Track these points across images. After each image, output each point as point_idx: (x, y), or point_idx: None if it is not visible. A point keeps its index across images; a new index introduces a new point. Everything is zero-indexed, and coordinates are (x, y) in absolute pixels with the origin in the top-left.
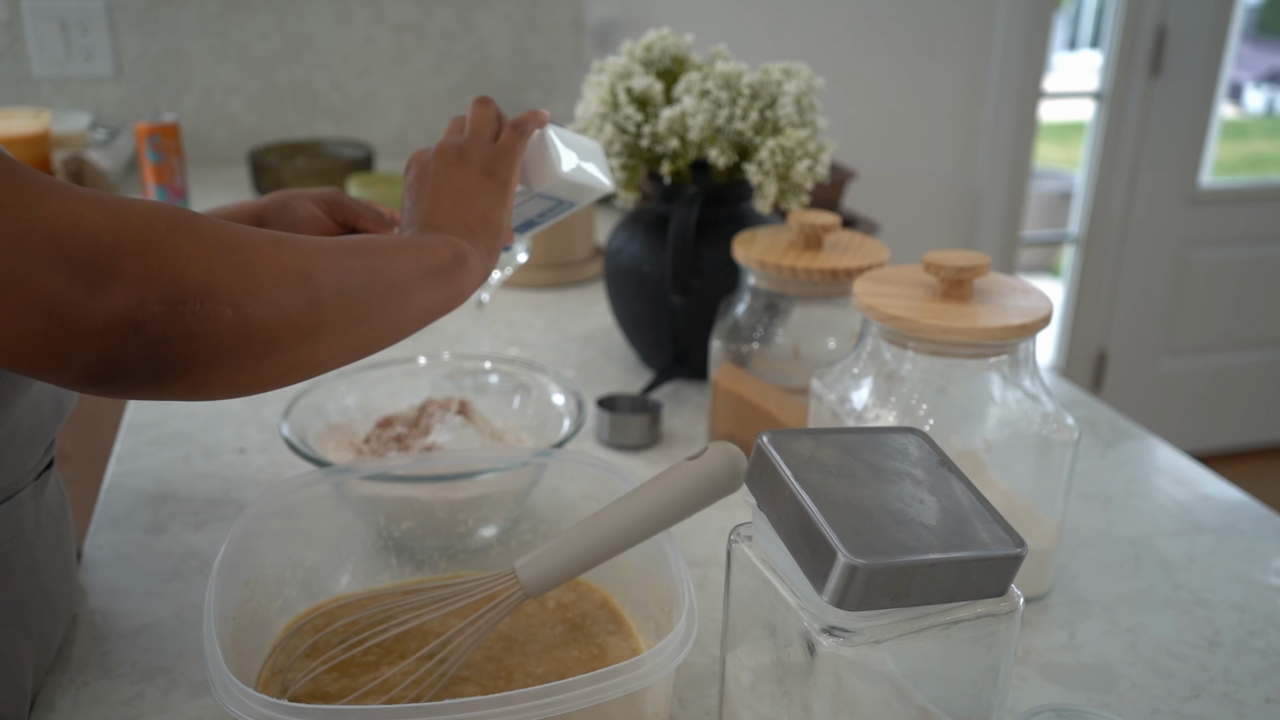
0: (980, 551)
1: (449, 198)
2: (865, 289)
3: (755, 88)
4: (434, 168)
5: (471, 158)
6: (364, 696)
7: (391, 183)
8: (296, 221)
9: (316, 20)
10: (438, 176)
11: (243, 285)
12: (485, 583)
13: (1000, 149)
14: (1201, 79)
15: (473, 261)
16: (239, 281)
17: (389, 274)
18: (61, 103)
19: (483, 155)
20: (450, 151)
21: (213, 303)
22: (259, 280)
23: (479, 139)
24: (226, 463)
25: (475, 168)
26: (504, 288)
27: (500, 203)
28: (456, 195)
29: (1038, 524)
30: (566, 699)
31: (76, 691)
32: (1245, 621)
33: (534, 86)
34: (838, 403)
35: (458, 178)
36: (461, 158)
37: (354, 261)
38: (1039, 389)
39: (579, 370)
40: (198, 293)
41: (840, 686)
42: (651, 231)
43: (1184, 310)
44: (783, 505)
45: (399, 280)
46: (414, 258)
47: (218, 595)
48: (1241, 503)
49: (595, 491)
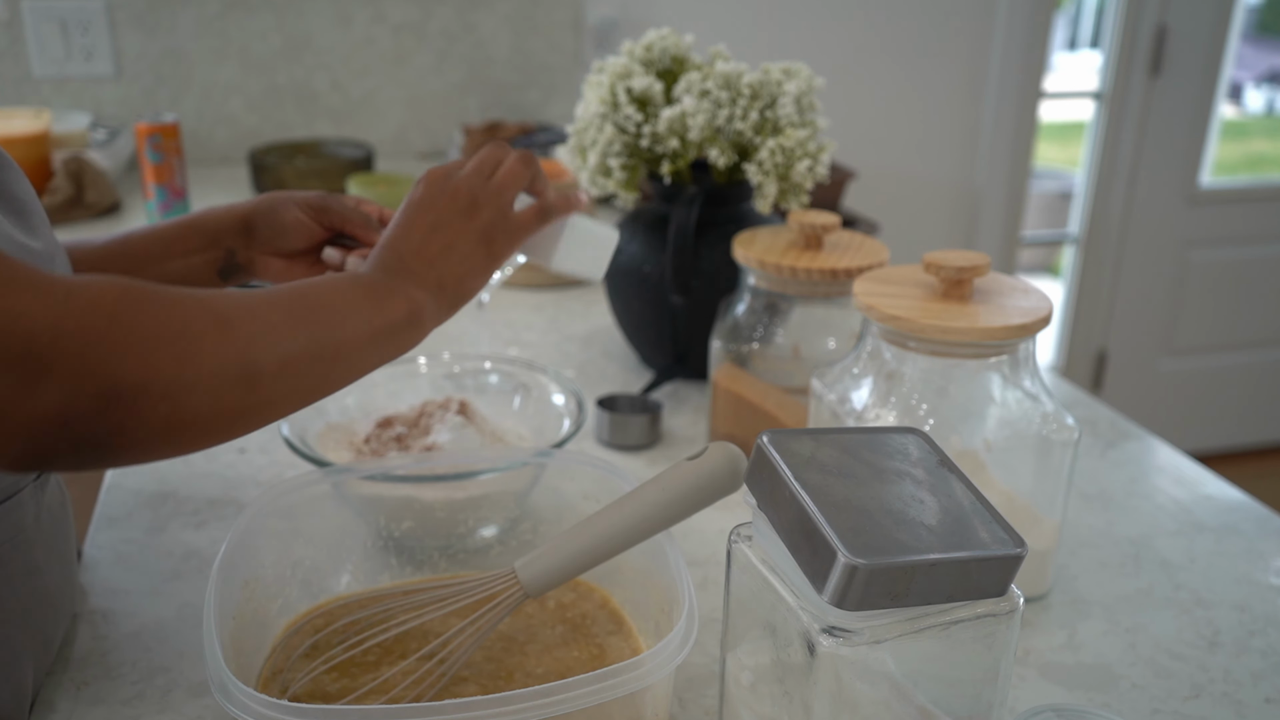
0: (980, 551)
1: (437, 245)
2: (865, 289)
3: (755, 88)
4: (441, 204)
5: (481, 215)
6: (364, 696)
7: (391, 183)
8: (284, 226)
9: (316, 20)
10: (439, 217)
11: (180, 377)
12: (485, 583)
13: (1000, 149)
14: (1201, 79)
15: (427, 320)
16: (176, 374)
17: (335, 343)
18: (61, 103)
19: (492, 219)
20: (464, 197)
21: (146, 398)
22: (197, 371)
23: (498, 200)
24: (226, 463)
25: (478, 228)
26: (504, 288)
27: (484, 272)
28: (446, 247)
29: (1038, 524)
30: (566, 699)
31: (76, 691)
32: (1245, 621)
33: (534, 86)
34: (838, 403)
35: (455, 228)
36: (471, 210)
37: (300, 335)
38: (1039, 389)
39: (579, 370)
40: (131, 390)
41: (840, 686)
42: (651, 231)
43: (1184, 310)
44: (783, 505)
45: (345, 348)
46: (367, 319)
47: (218, 595)
48: (1241, 503)
49: (595, 491)
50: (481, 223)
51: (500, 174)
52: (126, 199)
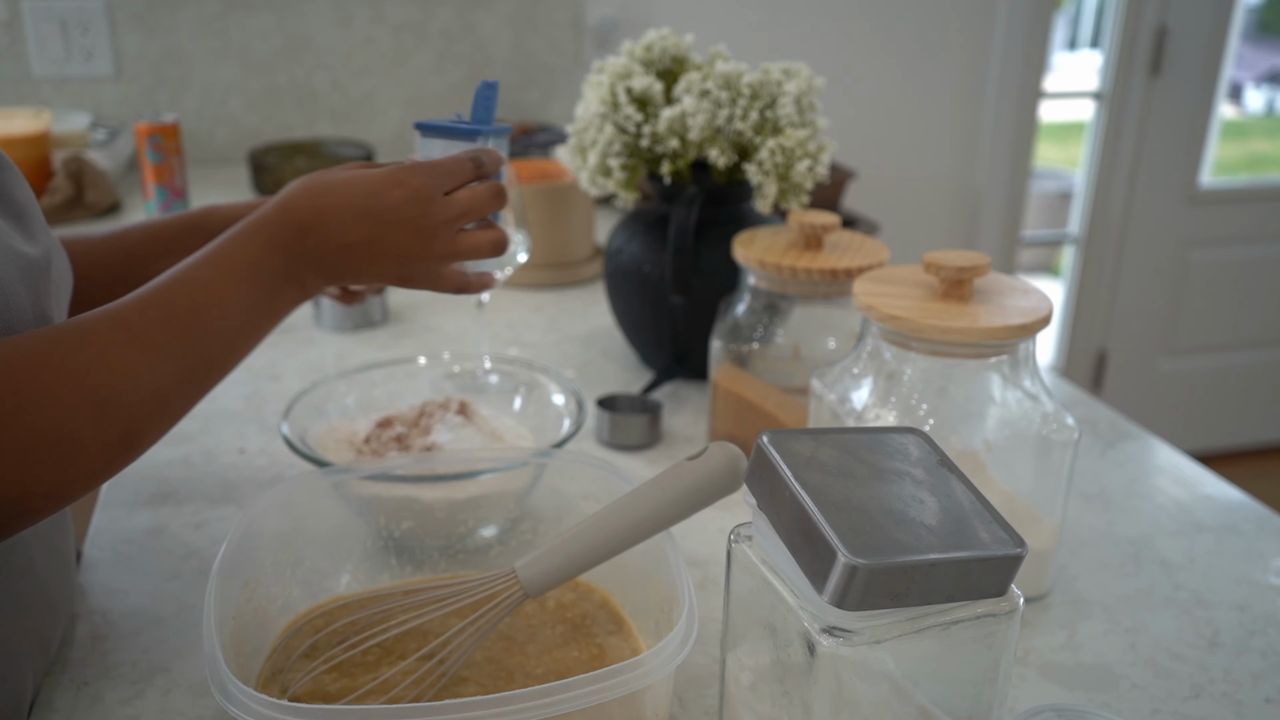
0: (980, 551)
1: (366, 255)
2: (865, 289)
3: (755, 88)
4: (404, 224)
5: (425, 254)
6: (364, 696)
7: None
8: None
9: (316, 20)
10: (392, 235)
11: (61, 480)
12: (485, 583)
13: (1000, 149)
14: (1201, 79)
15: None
16: (57, 478)
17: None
18: (61, 103)
19: (429, 265)
20: (426, 234)
21: (30, 502)
22: (78, 469)
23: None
24: (226, 463)
25: (412, 262)
26: (504, 288)
27: (387, 284)
28: (371, 259)
29: (1038, 524)
30: (566, 699)
31: (76, 691)
32: (1245, 621)
33: (534, 86)
34: (838, 403)
35: (395, 252)
36: (423, 248)
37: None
38: (1039, 389)
39: (579, 370)
40: (14, 505)
41: (840, 686)
42: (651, 231)
43: (1184, 310)
44: (783, 505)
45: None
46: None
47: (218, 595)
48: (1241, 503)
49: (595, 491)
50: (419, 260)
51: (471, 240)
52: (126, 199)
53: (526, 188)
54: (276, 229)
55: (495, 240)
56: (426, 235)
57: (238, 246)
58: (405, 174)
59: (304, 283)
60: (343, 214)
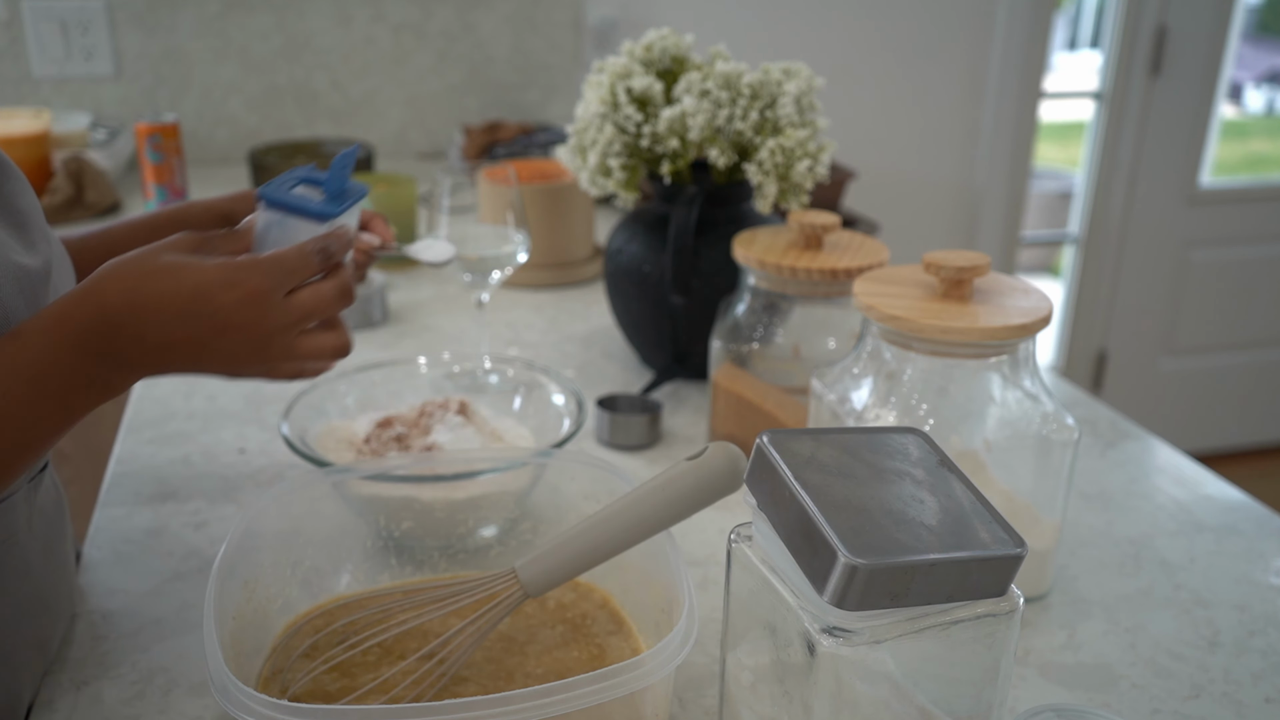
0: (980, 551)
1: (184, 356)
2: (865, 289)
3: (755, 88)
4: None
5: (268, 355)
6: (364, 696)
7: (391, 182)
8: None
9: (316, 20)
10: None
11: None
12: (485, 583)
13: (1000, 149)
14: (1201, 79)
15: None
16: None
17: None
18: (61, 103)
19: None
20: (256, 342)
21: None
22: None
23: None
24: (226, 463)
25: (235, 365)
26: (504, 288)
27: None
28: (190, 359)
29: (1038, 524)
30: (566, 699)
31: (76, 691)
32: (1245, 621)
33: (534, 86)
34: (838, 403)
35: (219, 357)
36: (251, 357)
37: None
38: (1039, 389)
39: (579, 370)
40: None
41: (840, 686)
42: (651, 231)
43: (1184, 310)
44: (783, 505)
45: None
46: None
47: (218, 595)
48: (1241, 503)
49: (595, 491)
50: (249, 364)
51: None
52: (126, 199)
53: (526, 188)
54: (80, 327)
55: (338, 346)
56: (260, 342)
57: (28, 349)
58: (241, 274)
59: (109, 384)
60: (163, 312)
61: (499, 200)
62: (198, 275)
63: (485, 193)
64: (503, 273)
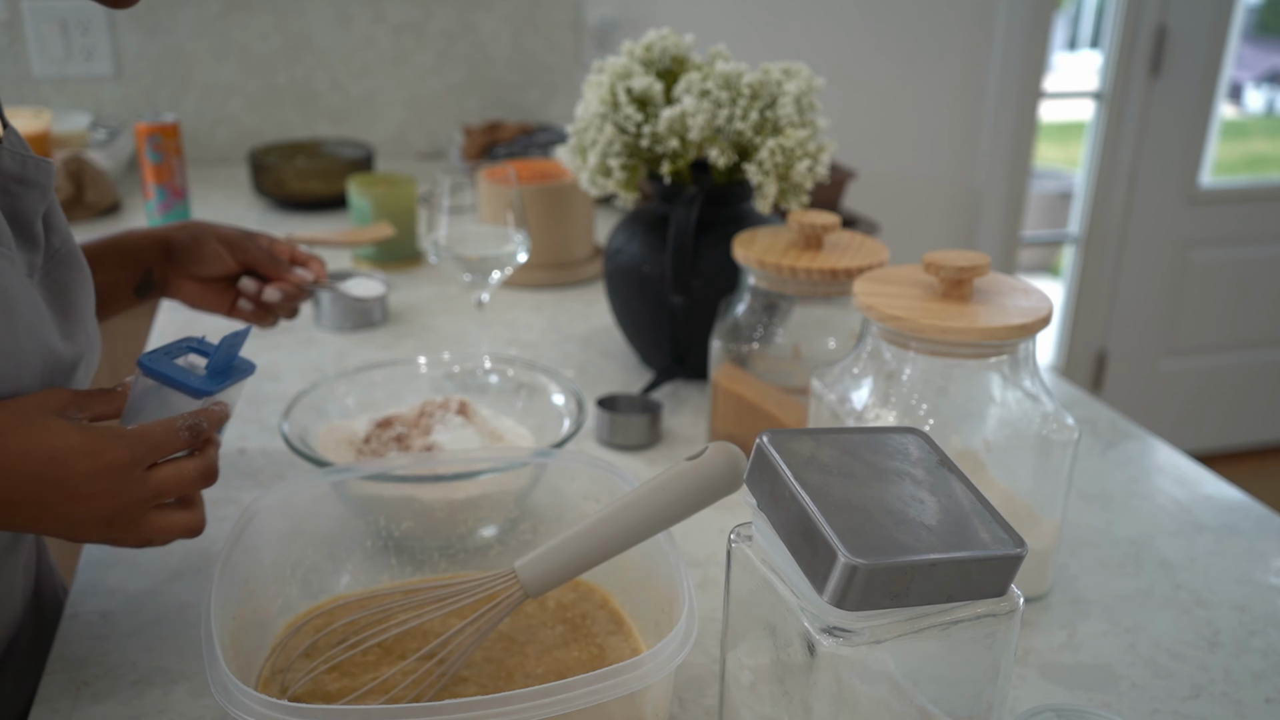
0: (980, 551)
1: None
2: (865, 289)
3: (755, 88)
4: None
5: (111, 532)
6: (364, 696)
7: (391, 183)
8: (202, 255)
9: (316, 20)
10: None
11: None
12: (485, 583)
13: (1000, 149)
14: (1201, 79)
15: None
16: None
17: None
18: (61, 103)
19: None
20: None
21: None
22: None
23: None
24: (227, 463)
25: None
26: (504, 288)
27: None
28: (40, 522)
29: (1038, 524)
30: (566, 699)
31: (76, 691)
32: (1245, 621)
33: (534, 86)
34: (838, 403)
35: (73, 520)
36: (104, 523)
37: None
38: (1039, 389)
39: (579, 370)
40: None
41: (840, 686)
42: (651, 231)
43: (1184, 310)
44: (783, 505)
45: None
46: None
47: (218, 595)
48: (1241, 503)
49: (595, 491)
50: (91, 534)
51: (160, 523)
52: (126, 199)
53: (526, 188)
54: None
55: (188, 525)
56: (108, 515)
57: None
58: (102, 444)
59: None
60: (12, 470)
61: (499, 200)
62: (57, 440)
63: (485, 193)
64: (503, 273)
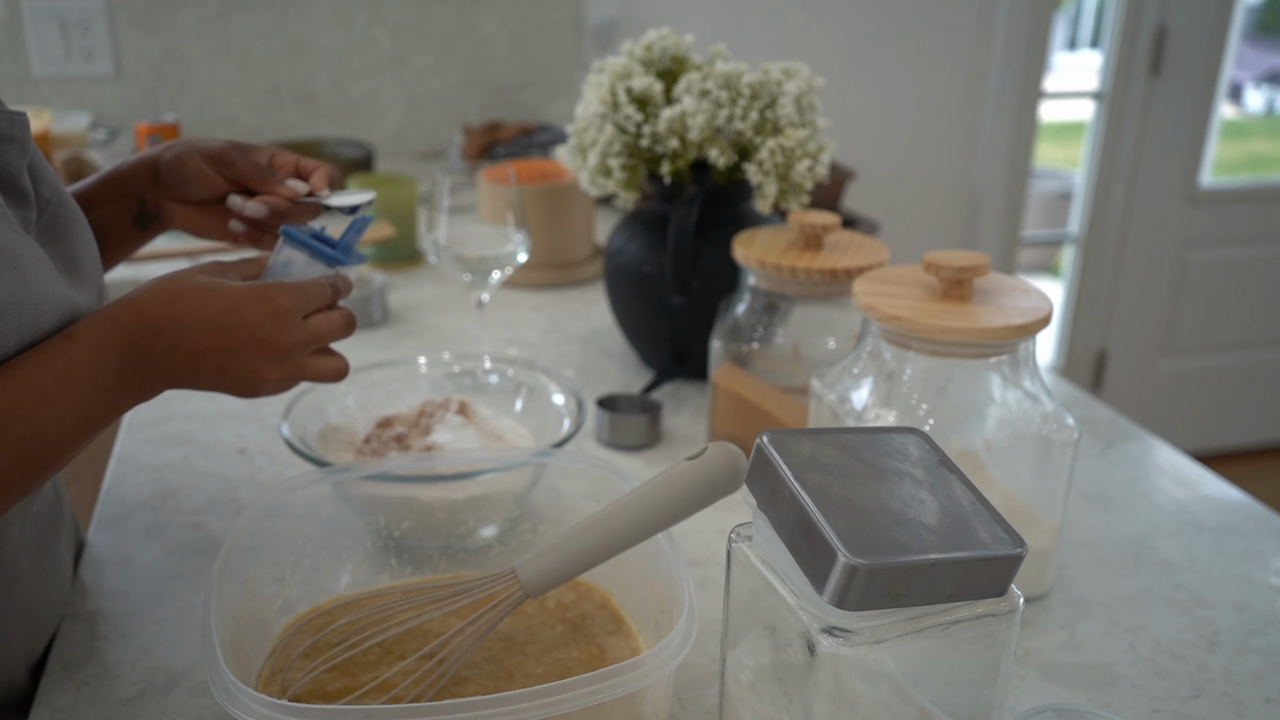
0: (980, 551)
1: (213, 366)
2: (865, 289)
3: (755, 88)
4: (257, 342)
5: (283, 371)
6: (364, 696)
7: (392, 182)
8: (188, 175)
9: (316, 20)
10: (242, 351)
11: None
12: (485, 583)
13: (1000, 149)
14: (1201, 79)
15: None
16: None
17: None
18: (61, 103)
19: (287, 376)
20: (277, 352)
21: None
22: None
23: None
24: (226, 463)
25: (256, 376)
26: (504, 288)
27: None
28: (217, 371)
29: (1038, 524)
30: (566, 699)
31: (76, 691)
32: (1245, 621)
33: (534, 86)
34: (838, 403)
35: (242, 367)
36: (270, 365)
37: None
38: (1039, 389)
39: (579, 370)
40: None
41: (840, 686)
42: (651, 231)
43: (1184, 310)
44: (783, 505)
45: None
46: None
47: (218, 595)
48: (1241, 503)
49: (595, 491)
50: (264, 379)
51: (318, 366)
52: None
53: (526, 188)
54: (126, 331)
55: (340, 367)
56: (279, 356)
57: (82, 348)
58: (270, 292)
59: (144, 386)
60: (198, 323)
61: (499, 200)
62: (229, 292)
63: (485, 193)
64: (503, 273)
